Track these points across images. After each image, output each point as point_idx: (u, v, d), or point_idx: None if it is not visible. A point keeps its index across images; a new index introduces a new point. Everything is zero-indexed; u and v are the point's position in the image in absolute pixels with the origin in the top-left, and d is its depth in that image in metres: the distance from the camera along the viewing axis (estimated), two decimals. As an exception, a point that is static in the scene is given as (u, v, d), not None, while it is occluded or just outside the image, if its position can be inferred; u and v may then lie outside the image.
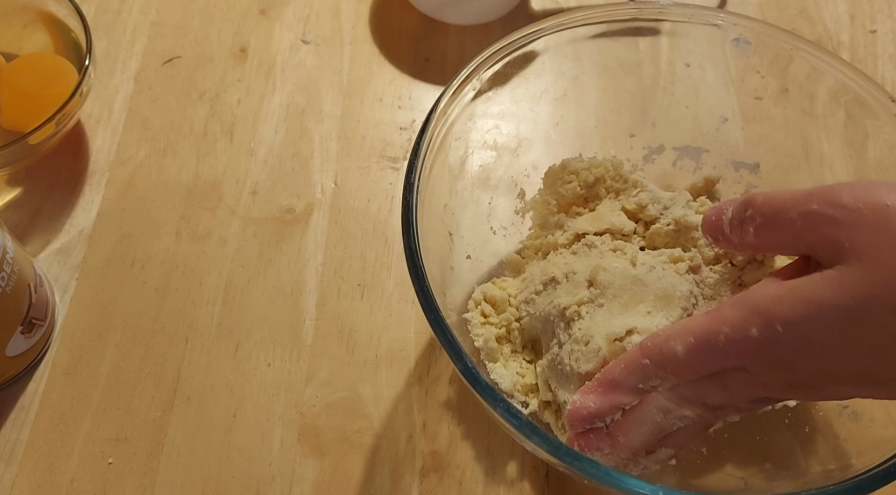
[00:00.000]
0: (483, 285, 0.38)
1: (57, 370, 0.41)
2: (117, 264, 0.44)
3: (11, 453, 0.39)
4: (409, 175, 0.34)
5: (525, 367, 0.36)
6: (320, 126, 0.49)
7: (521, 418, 0.28)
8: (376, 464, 0.38)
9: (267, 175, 0.48)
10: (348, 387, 0.41)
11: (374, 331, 0.42)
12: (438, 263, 0.35)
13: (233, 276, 0.44)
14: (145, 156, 0.48)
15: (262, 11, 0.54)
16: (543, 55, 0.40)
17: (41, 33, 0.47)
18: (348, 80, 0.51)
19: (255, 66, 0.52)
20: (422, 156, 0.34)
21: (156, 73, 0.51)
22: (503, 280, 0.39)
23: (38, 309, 0.39)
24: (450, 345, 0.30)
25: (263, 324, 0.42)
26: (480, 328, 0.36)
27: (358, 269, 0.44)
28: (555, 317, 0.34)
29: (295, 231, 0.46)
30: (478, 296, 0.37)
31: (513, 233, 0.41)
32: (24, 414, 0.40)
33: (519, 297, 0.37)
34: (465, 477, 0.38)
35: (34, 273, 0.40)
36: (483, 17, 0.54)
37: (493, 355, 0.36)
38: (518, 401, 0.35)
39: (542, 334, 0.36)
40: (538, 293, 0.36)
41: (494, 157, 0.41)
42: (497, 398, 0.29)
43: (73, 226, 0.45)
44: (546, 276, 0.36)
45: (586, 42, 0.40)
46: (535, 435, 0.28)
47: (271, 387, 0.40)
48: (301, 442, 0.39)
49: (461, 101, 0.37)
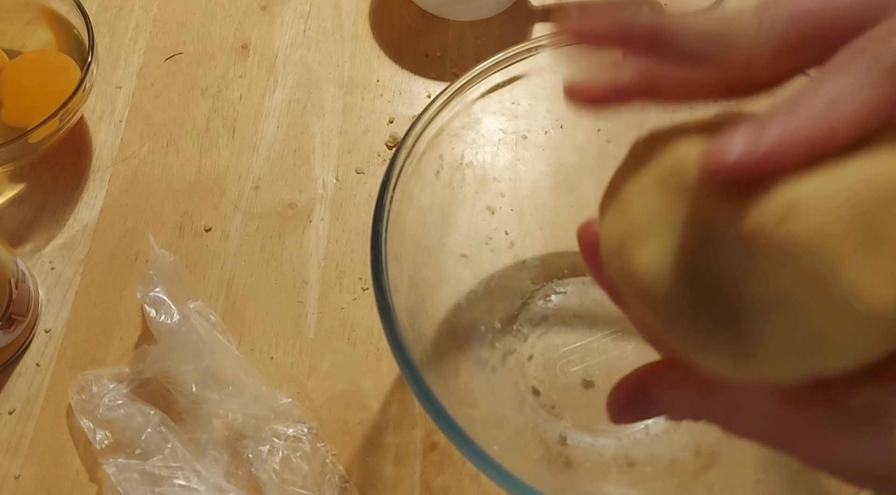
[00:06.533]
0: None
1: (62, 363, 0.41)
2: (121, 259, 0.45)
3: (17, 446, 0.39)
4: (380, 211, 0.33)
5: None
6: (321, 121, 0.50)
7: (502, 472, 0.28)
8: (378, 455, 0.39)
9: (269, 170, 0.48)
10: (350, 380, 0.41)
11: (375, 324, 0.43)
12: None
13: (235, 271, 0.44)
14: (148, 151, 0.48)
15: (263, 8, 0.54)
16: (535, 74, 0.39)
17: (44, 30, 0.48)
18: (349, 76, 0.52)
19: (257, 62, 0.52)
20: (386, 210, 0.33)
21: (158, 70, 0.52)
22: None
23: (18, 304, 0.40)
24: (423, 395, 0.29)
25: (266, 317, 0.43)
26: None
27: (359, 263, 0.45)
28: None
29: (297, 226, 0.46)
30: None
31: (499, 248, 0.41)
32: (30, 407, 0.40)
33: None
34: (466, 466, 0.39)
35: (16, 268, 0.40)
36: (482, 13, 0.54)
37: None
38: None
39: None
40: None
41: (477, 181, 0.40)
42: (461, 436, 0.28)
43: (76, 221, 0.46)
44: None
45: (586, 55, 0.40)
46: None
47: (274, 380, 0.41)
48: (304, 433, 0.39)
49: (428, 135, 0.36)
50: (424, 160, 0.36)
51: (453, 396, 0.34)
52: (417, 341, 0.34)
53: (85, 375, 0.38)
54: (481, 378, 0.40)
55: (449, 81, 0.45)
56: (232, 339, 0.42)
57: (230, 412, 0.38)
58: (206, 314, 0.42)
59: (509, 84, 0.39)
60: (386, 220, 0.33)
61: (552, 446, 0.38)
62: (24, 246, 0.45)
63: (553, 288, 0.43)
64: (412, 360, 0.30)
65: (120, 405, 0.37)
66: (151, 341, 0.40)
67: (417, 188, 0.36)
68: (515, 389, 0.40)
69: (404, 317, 0.32)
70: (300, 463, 0.37)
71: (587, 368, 0.40)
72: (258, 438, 0.38)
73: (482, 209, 0.41)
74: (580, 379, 0.40)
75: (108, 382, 0.38)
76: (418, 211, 0.37)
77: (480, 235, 0.41)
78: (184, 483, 0.35)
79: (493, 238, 0.41)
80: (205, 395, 0.38)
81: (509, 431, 0.38)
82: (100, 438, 0.37)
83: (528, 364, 0.41)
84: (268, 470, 0.37)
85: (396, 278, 0.33)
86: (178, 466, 0.36)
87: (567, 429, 0.39)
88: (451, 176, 0.39)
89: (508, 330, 0.41)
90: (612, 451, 0.38)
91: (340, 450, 0.39)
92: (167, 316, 0.39)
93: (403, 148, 0.35)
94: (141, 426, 0.36)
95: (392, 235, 0.33)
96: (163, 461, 0.36)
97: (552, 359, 0.41)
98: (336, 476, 0.38)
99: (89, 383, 0.38)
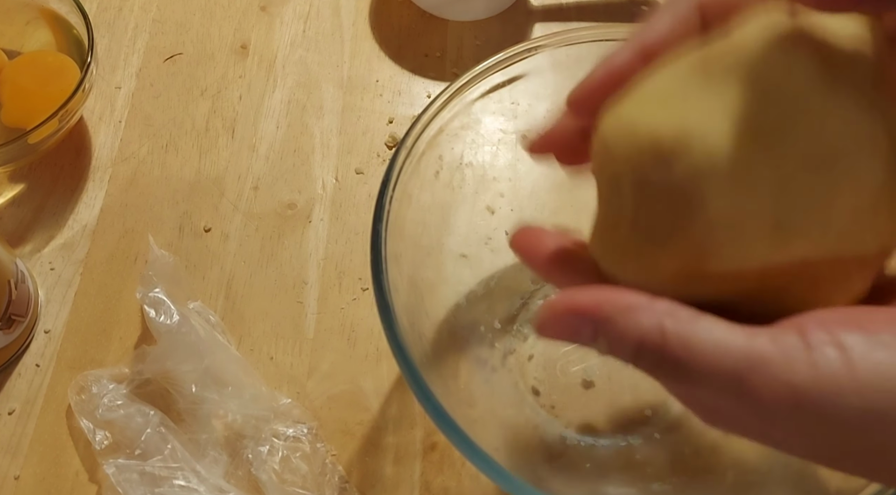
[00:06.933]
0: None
1: (62, 364, 0.41)
2: (120, 259, 0.45)
3: (17, 446, 0.39)
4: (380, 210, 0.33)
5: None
6: (321, 122, 0.50)
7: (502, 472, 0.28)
8: (377, 455, 0.39)
9: (268, 170, 0.48)
10: (350, 380, 0.41)
11: (375, 324, 0.43)
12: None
13: (235, 271, 0.44)
14: (148, 152, 0.48)
15: (262, 8, 0.54)
16: (534, 74, 0.39)
17: (43, 30, 0.48)
18: (348, 76, 0.52)
19: (256, 62, 0.52)
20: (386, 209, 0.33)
21: (157, 70, 0.52)
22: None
23: (18, 305, 0.40)
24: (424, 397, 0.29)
25: (266, 317, 0.43)
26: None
27: (359, 264, 0.45)
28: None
29: (296, 226, 0.46)
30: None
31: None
32: (30, 408, 0.40)
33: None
34: (465, 466, 0.39)
35: (15, 269, 0.40)
36: (482, 13, 0.54)
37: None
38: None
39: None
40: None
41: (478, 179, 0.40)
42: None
43: (76, 221, 0.46)
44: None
45: (585, 55, 0.40)
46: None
47: (274, 380, 0.41)
48: (303, 434, 0.39)
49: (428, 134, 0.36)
50: (424, 160, 0.36)
51: (453, 396, 0.34)
52: (417, 341, 0.34)
53: (84, 376, 0.38)
54: (481, 378, 0.40)
55: (448, 81, 0.45)
56: (231, 340, 0.42)
57: (230, 412, 0.38)
58: (205, 314, 0.42)
59: (509, 84, 0.39)
60: (386, 220, 0.33)
61: (552, 446, 0.38)
62: (23, 246, 0.45)
63: (553, 288, 0.43)
64: (412, 360, 0.30)
65: (119, 405, 0.37)
66: (151, 341, 0.40)
67: (417, 188, 0.36)
68: (515, 389, 0.40)
69: (404, 317, 0.32)
70: (300, 463, 0.37)
71: (587, 368, 0.40)
72: (258, 438, 0.38)
73: (482, 209, 0.41)
74: (580, 379, 0.40)
75: (107, 383, 0.38)
76: (418, 211, 0.37)
77: (480, 235, 0.41)
78: (183, 483, 0.35)
79: (493, 238, 0.41)
80: (204, 396, 0.38)
81: (509, 431, 0.38)
82: (99, 438, 0.37)
83: (528, 364, 0.41)
84: (267, 470, 0.37)
85: (396, 278, 0.33)
86: (178, 467, 0.36)
87: (567, 429, 0.39)
88: (451, 176, 0.39)
89: (508, 330, 0.41)
90: (612, 451, 0.38)
91: (340, 451, 0.39)
92: (167, 316, 0.39)
93: (403, 148, 0.35)
94: (141, 426, 0.36)
95: (392, 235, 0.33)
96: (162, 461, 0.36)
97: (552, 358, 0.41)
98: (336, 476, 0.38)
99: (89, 384, 0.38)
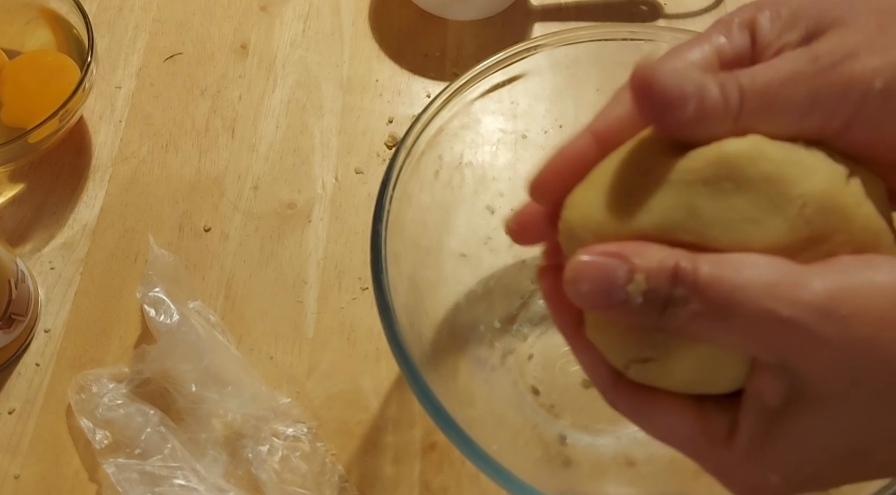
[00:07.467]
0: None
1: (62, 363, 0.41)
2: (121, 258, 0.45)
3: (17, 446, 0.39)
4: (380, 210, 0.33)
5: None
6: (321, 121, 0.50)
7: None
8: (377, 454, 0.39)
9: (268, 170, 0.48)
10: (350, 380, 0.41)
11: (374, 323, 0.43)
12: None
13: (235, 271, 0.44)
14: (148, 151, 0.48)
15: (262, 8, 0.54)
16: (534, 74, 0.39)
17: (43, 30, 0.48)
18: (348, 76, 0.52)
19: (256, 62, 0.52)
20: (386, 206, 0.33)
21: (157, 70, 0.52)
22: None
23: (18, 304, 0.40)
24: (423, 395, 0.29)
25: (265, 317, 0.43)
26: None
27: (358, 263, 0.45)
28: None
29: (296, 226, 0.46)
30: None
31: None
32: (30, 407, 0.40)
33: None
34: (465, 466, 0.39)
35: (15, 268, 0.40)
36: (482, 13, 0.54)
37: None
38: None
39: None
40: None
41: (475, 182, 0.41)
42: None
43: (76, 221, 0.46)
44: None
45: (584, 55, 0.40)
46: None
47: (273, 380, 0.41)
48: (303, 433, 0.39)
49: (430, 132, 0.36)
50: (424, 160, 0.36)
51: (452, 396, 0.34)
52: (417, 341, 0.34)
53: (84, 375, 0.38)
54: (480, 377, 0.40)
55: (448, 81, 0.45)
56: (231, 339, 0.42)
57: (229, 412, 0.38)
58: (205, 314, 0.42)
59: (508, 84, 0.39)
60: (386, 220, 0.33)
61: (552, 446, 0.38)
62: (23, 246, 0.45)
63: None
64: (412, 360, 0.30)
65: (119, 405, 0.37)
66: (151, 341, 0.40)
67: (417, 188, 0.36)
68: (515, 389, 0.40)
69: (404, 317, 0.32)
70: (299, 462, 0.37)
71: (587, 368, 0.40)
72: (257, 438, 0.38)
73: (481, 209, 0.41)
74: (580, 379, 0.40)
75: (107, 382, 0.38)
76: (418, 211, 0.37)
77: (480, 235, 0.41)
78: (183, 482, 0.35)
79: (493, 238, 0.41)
80: (204, 395, 0.38)
81: (508, 431, 0.38)
82: (99, 438, 0.37)
83: (528, 363, 0.41)
84: (267, 469, 0.37)
85: (396, 278, 0.33)
86: (178, 466, 0.36)
87: (566, 429, 0.39)
88: (451, 176, 0.39)
89: (508, 329, 0.41)
90: (612, 451, 0.38)
91: (340, 450, 0.39)
92: (167, 316, 0.39)
93: (403, 148, 0.35)
94: (140, 426, 0.36)
95: (392, 235, 0.33)
96: (162, 461, 0.36)
97: (552, 358, 0.41)
98: (335, 475, 0.38)
99: (89, 383, 0.38)
